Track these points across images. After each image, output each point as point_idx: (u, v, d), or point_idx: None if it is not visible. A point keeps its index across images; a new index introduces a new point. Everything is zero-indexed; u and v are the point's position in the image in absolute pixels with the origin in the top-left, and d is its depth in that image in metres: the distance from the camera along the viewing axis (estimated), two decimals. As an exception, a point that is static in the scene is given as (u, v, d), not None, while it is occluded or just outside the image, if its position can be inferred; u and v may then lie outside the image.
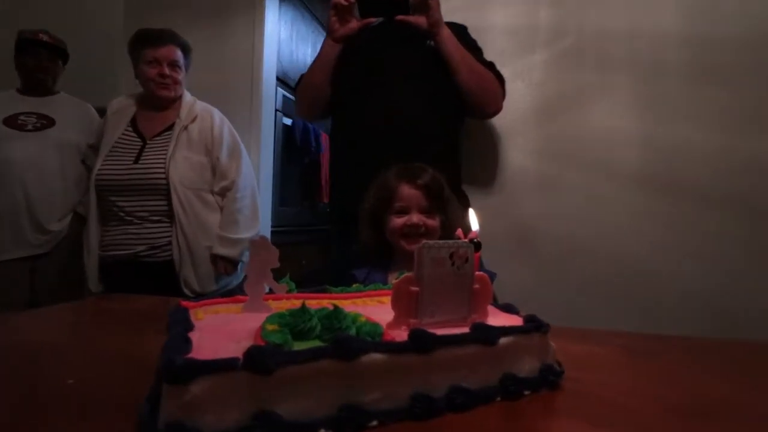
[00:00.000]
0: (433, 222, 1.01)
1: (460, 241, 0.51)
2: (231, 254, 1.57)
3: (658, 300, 1.63)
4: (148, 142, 1.58)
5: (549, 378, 0.51)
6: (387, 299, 0.64)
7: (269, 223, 2.31)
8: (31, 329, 0.77)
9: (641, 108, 1.70)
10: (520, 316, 0.57)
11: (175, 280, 1.53)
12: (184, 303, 0.58)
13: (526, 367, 0.51)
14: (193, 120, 1.61)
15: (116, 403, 0.46)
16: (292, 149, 2.55)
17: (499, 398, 0.48)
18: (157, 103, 1.63)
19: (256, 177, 1.78)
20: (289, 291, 0.64)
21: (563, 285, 1.74)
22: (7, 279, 1.69)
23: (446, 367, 0.46)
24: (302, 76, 1.46)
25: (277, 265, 0.54)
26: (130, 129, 1.61)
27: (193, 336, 0.44)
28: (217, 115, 1.67)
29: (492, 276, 0.99)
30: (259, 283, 0.54)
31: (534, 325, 0.51)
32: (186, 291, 1.54)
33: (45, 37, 1.80)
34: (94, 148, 1.68)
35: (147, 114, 1.63)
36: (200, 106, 1.67)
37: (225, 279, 1.63)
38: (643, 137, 1.68)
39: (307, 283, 0.68)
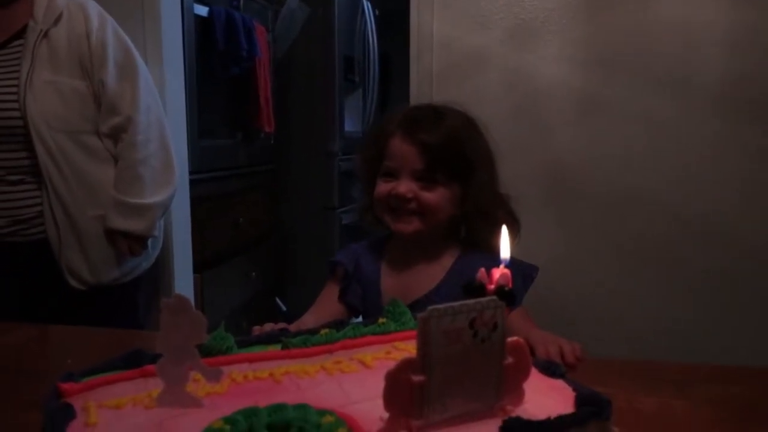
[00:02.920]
0: (432, 196, 0.97)
1: (484, 300, 0.47)
2: (136, 228, 1.54)
3: (744, 272, 1.68)
4: None
5: (611, 482, 0.51)
6: (373, 357, 0.62)
7: (186, 168, 2.23)
8: None
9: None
10: (569, 382, 0.56)
11: (55, 267, 1.51)
12: (64, 386, 0.55)
13: (580, 469, 0.50)
14: (57, 20, 1.50)
15: None
16: (211, 54, 2.41)
17: None
18: None
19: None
20: (226, 350, 0.61)
21: (608, 253, 1.77)
22: None
23: (468, 491, 0.45)
24: None
25: (204, 339, 0.51)
26: None
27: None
28: (94, 9, 1.57)
29: (532, 273, 1.00)
30: (179, 367, 0.50)
31: (592, 411, 0.50)
32: (72, 282, 1.53)
33: None
34: None
35: None
36: None
37: (131, 261, 1.61)
38: (739, 35, 1.62)
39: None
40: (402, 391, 0.47)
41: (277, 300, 3.07)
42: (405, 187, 0.97)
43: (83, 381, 0.56)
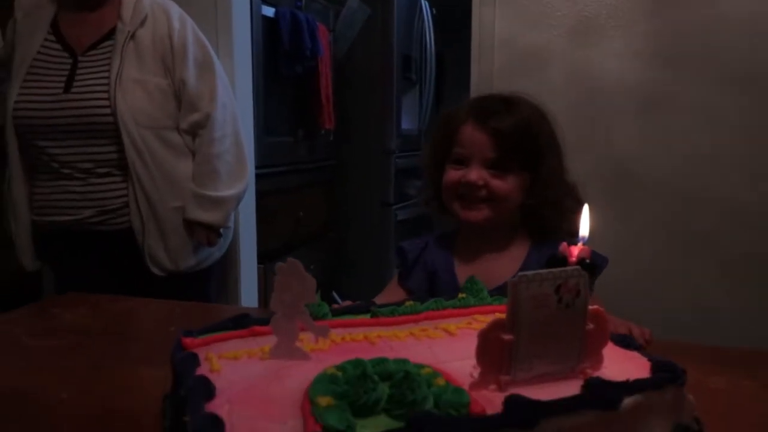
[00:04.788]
0: (503, 184, 0.99)
1: (569, 268, 0.52)
2: (213, 219, 1.61)
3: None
4: (80, 58, 1.56)
5: (685, 443, 0.54)
6: (456, 326, 0.67)
7: (252, 163, 2.33)
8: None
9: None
10: (644, 354, 0.60)
11: (138, 254, 1.59)
12: (186, 340, 0.62)
13: (656, 430, 0.54)
14: (143, 22, 1.57)
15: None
16: (277, 54, 2.50)
17: (619, 474, 0.52)
18: (84, 0, 1.58)
19: (232, 99, 1.77)
20: (322, 316, 0.68)
21: (678, 248, 1.76)
22: None
23: (552, 440, 0.49)
24: None
25: (315, 300, 0.57)
26: (52, 38, 1.58)
27: (221, 408, 0.48)
28: (176, 12, 1.63)
29: (603, 263, 1.01)
30: (291, 322, 0.57)
31: (668, 377, 0.54)
32: (153, 269, 1.61)
33: None
34: (3, 65, 1.67)
35: (73, 15, 1.60)
36: (150, 0, 1.63)
37: (206, 250, 1.69)
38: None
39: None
40: (492, 349, 0.52)
41: (334, 293, 3.15)
42: (476, 174, 0.98)
43: (201, 337, 0.63)
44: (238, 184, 1.67)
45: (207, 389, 0.51)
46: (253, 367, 0.57)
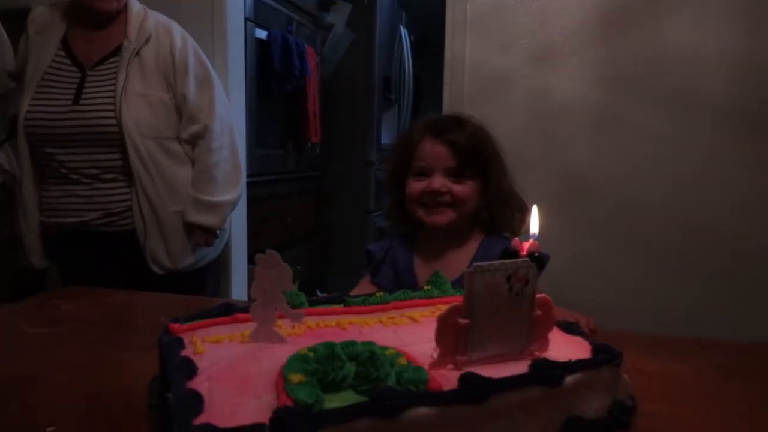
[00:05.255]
0: (463, 188, 1.02)
1: (519, 260, 0.53)
2: (210, 222, 1.60)
3: (743, 274, 1.68)
4: (88, 72, 1.54)
5: (620, 418, 0.55)
6: (420, 314, 0.68)
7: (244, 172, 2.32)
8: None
9: (737, 18, 1.64)
10: (586, 339, 0.61)
11: (140, 254, 1.57)
12: (173, 326, 0.62)
13: (594, 405, 0.55)
14: (147, 41, 1.56)
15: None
16: (269, 73, 2.49)
17: (562, 444, 0.52)
18: (93, 17, 1.56)
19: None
20: (299, 304, 0.67)
21: (621, 253, 1.79)
22: None
23: (502, 414, 0.50)
24: None
25: (291, 287, 0.57)
26: (62, 53, 1.56)
27: (201, 385, 0.48)
28: (178, 32, 1.62)
29: (545, 259, 1.03)
30: (269, 309, 0.57)
31: (606, 358, 0.55)
32: (154, 267, 1.59)
33: None
34: (16, 78, 1.65)
35: (82, 33, 1.57)
36: (154, 20, 1.61)
37: (203, 250, 1.68)
38: (736, 58, 1.65)
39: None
40: (450, 332, 0.52)
41: (318, 292, 3.13)
42: (439, 182, 1.00)
43: (187, 324, 0.63)
44: (233, 190, 1.66)
45: (189, 368, 0.50)
46: (234, 350, 0.56)
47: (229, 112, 1.72)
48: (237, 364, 0.53)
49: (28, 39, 1.60)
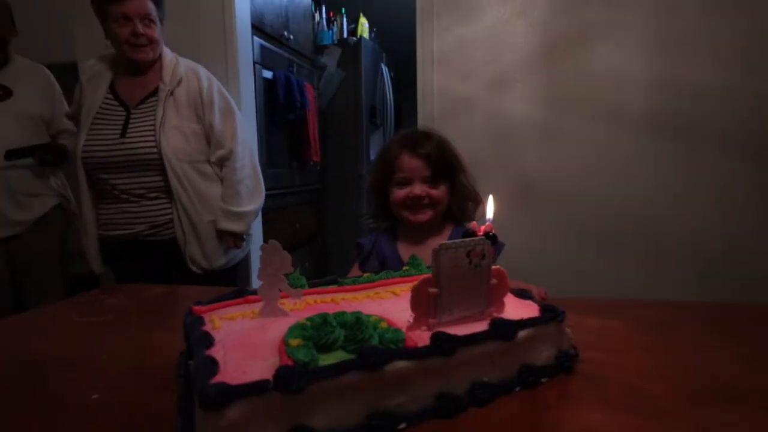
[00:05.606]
0: (438, 192, 1.02)
1: (476, 238, 0.52)
2: (237, 228, 1.59)
3: (666, 247, 1.70)
4: (132, 111, 1.53)
5: (565, 364, 0.55)
6: (400, 289, 0.67)
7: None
8: (35, 336, 0.80)
9: (650, 46, 1.66)
10: (535, 302, 0.61)
11: (181, 257, 1.56)
12: (196, 308, 0.61)
13: (543, 355, 0.54)
14: (179, 83, 1.55)
15: (145, 420, 0.50)
16: (275, 105, 2.49)
17: (518, 388, 0.52)
18: (135, 66, 1.55)
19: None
20: (299, 286, 0.67)
21: (568, 237, 1.80)
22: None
23: (467, 365, 0.49)
24: None
25: (291, 270, 0.56)
26: (110, 96, 1.55)
27: (217, 353, 0.47)
28: (204, 74, 1.62)
29: (501, 247, 1.04)
30: (273, 288, 0.56)
31: (551, 315, 0.55)
32: (193, 268, 1.57)
33: None
34: (72, 118, 1.63)
35: (126, 79, 1.57)
36: (184, 65, 1.60)
37: (233, 252, 1.66)
38: (652, 78, 1.67)
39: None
40: (422, 300, 0.52)
41: (323, 283, 3.11)
42: (420, 189, 1.01)
43: (207, 305, 0.62)
44: (255, 202, 1.65)
45: (207, 340, 0.50)
46: (245, 324, 0.56)
47: (247, 136, 1.70)
48: (247, 334, 0.52)
49: (81, 86, 1.59)
